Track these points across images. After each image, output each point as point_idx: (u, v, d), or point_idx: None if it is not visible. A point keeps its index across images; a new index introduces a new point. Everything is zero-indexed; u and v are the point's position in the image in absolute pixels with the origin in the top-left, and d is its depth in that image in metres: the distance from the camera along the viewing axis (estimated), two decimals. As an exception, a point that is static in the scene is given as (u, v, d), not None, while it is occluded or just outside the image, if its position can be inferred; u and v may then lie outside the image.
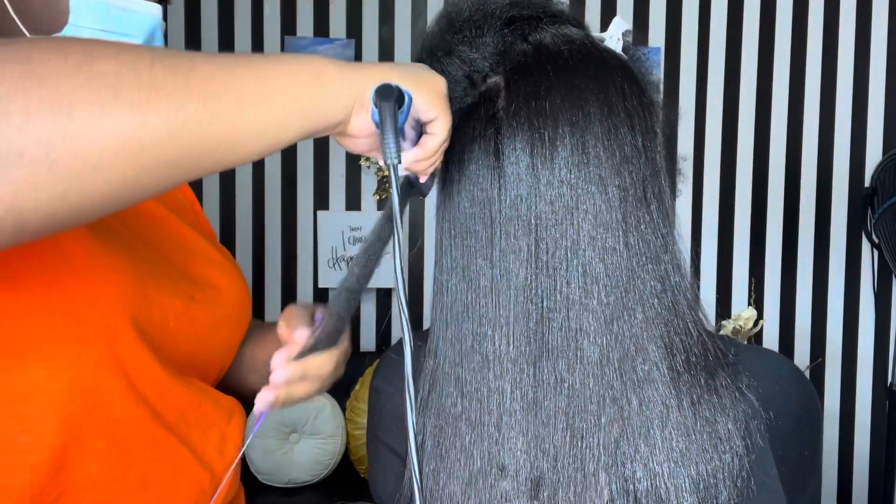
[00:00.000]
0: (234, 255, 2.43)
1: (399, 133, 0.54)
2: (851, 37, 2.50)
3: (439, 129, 0.58)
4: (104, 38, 0.50)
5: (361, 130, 0.56)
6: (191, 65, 0.49)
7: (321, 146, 2.43)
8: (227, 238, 2.42)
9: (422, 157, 0.58)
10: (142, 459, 0.69)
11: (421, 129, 0.59)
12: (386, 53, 2.43)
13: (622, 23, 0.64)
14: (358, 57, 2.42)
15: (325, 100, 0.53)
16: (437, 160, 0.60)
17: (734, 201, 2.52)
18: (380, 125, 0.54)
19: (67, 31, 0.69)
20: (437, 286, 0.62)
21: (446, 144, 0.59)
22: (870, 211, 2.39)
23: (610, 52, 0.61)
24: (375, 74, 0.55)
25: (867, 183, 2.44)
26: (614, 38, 0.63)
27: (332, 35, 2.42)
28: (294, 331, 0.70)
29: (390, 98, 0.54)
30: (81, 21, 0.69)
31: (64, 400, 0.63)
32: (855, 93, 2.50)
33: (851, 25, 2.49)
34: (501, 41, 0.60)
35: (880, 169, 2.34)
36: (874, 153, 2.50)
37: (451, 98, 0.61)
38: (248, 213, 2.43)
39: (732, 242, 2.53)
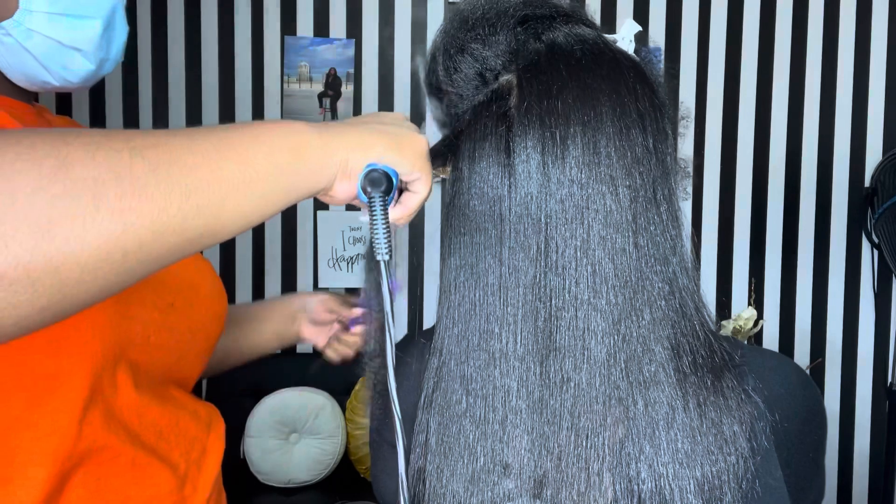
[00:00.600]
0: (234, 255, 2.43)
1: (388, 222, 0.56)
2: (851, 37, 2.50)
3: (421, 188, 0.60)
4: (73, 129, 0.46)
5: (344, 193, 0.56)
6: (171, 156, 0.46)
7: (321, 146, 2.43)
8: (227, 244, 2.42)
9: (403, 215, 0.60)
10: (125, 484, 0.68)
11: (401, 186, 0.60)
12: (386, 53, 2.43)
13: (634, 24, 0.64)
14: (358, 56, 2.42)
15: (307, 175, 0.53)
16: (415, 212, 0.61)
17: (734, 201, 2.52)
18: (370, 218, 0.55)
19: (19, 17, 0.65)
20: (444, 284, 0.61)
21: (427, 199, 0.61)
22: (870, 211, 2.39)
23: (622, 53, 0.61)
24: (357, 142, 0.55)
25: (867, 183, 2.44)
26: (626, 39, 0.63)
27: (332, 35, 2.42)
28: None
29: (380, 186, 0.55)
30: (33, 5, 0.66)
31: (45, 433, 0.62)
32: (855, 93, 2.51)
33: (851, 25, 2.50)
34: (514, 39, 0.60)
35: (880, 169, 2.34)
36: (874, 153, 2.50)
37: (463, 96, 0.62)
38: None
39: (732, 242, 2.53)
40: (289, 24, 2.40)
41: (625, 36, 0.63)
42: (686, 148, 2.54)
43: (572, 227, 0.56)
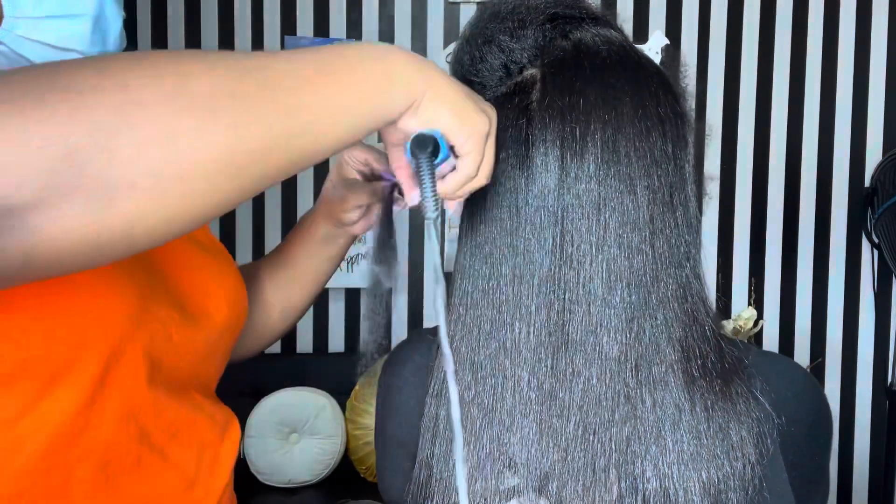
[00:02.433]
0: (234, 255, 2.43)
1: (434, 182, 0.56)
2: (851, 37, 2.50)
3: (465, 166, 0.57)
4: (184, 51, 0.49)
5: (404, 130, 0.57)
6: (277, 78, 0.49)
7: (321, 146, 2.43)
8: (228, 238, 2.42)
9: (442, 192, 0.58)
10: (129, 483, 0.67)
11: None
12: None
13: (662, 37, 0.65)
14: (358, 57, 2.42)
15: (391, 102, 0.54)
16: (461, 195, 0.59)
17: (734, 201, 2.52)
18: (417, 175, 0.56)
19: (7, 25, 0.64)
20: (458, 268, 0.62)
21: (475, 183, 0.59)
22: (870, 211, 2.39)
23: (647, 59, 0.62)
24: (436, 88, 0.55)
25: (867, 183, 2.44)
26: (653, 50, 0.64)
27: (331, 35, 2.42)
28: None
29: (426, 148, 0.55)
30: (18, 11, 0.64)
31: (54, 421, 0.61)
32: (855, 93, 2.51)
33: (851, 25, 2.50)
34: (542, 36, 0.61)
35: (880, 169, 2.34)
36: (874, 153, 2.50)
37: (486, 86, 0.62)
38: (248, 213, 2.42)
39: (732, 243, 2.53)
40: (289, 24, 2.40)
41: (652, 47, 0.65)
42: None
43: (589, 223, 0.56)
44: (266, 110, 0.48)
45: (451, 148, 0.57)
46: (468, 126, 0.56)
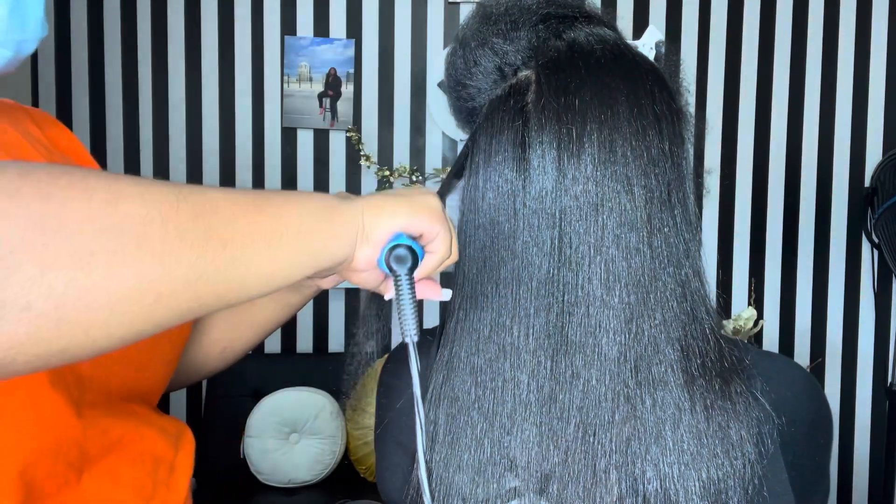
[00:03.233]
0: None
1: (414, 301, 0.55)
2: (851, 37, 2.50)
3: (438, 247, 0.59)
4: (120, 174, 0.45)
5: (367, 263, 0.56)
6: (213, 206, 0.46)
7: (320, 145, 2.43)
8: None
9: (422, 276, 0.59)
10: None
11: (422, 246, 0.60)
12: (386, 53, 2.43)
13: (656, 32, 0.65)
14: (358, 57, 2.42)
15: (333, 237, 0.53)
16: (433, 272, 0.60)
17: (734, 201, 2.52)
18: (396, 298, 0.55)
19: None
20: (457, 275, 0.62)
21: (449, 261, 0.60)
22: (870, 211, 2.39)
23: (642, 57, 0.62)
24: (372, 203, 0.56)
25: (867, 183, 2.44)
26: (647, 46, 0.64)
27: (331, 35, 2.42)
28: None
29: (406, 264, 0.54)
30: None
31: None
32: (855, 93, 2.51)
33: (851, 25, 2.50)
34: (535, 36, 0.61)
35: (880, 169, 2.34)
36: (874, 153, 2.50)
37: (480, 90, 0.62)
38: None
39: (732, 243, 2.53)
40: (289, 24, 2.40)
41: (646, 42, 0.64)
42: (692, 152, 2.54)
43: (587, 224, 0.56)
44: (195, 238, 0.44)
45: (418, 239, 0.58)
46: (424, 209, 0.56)
